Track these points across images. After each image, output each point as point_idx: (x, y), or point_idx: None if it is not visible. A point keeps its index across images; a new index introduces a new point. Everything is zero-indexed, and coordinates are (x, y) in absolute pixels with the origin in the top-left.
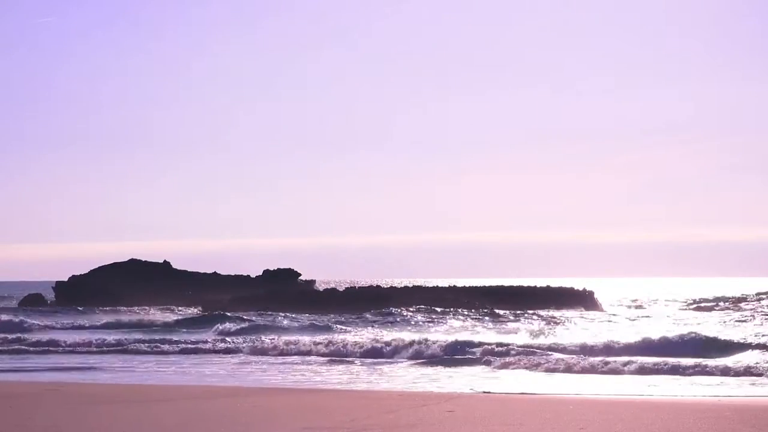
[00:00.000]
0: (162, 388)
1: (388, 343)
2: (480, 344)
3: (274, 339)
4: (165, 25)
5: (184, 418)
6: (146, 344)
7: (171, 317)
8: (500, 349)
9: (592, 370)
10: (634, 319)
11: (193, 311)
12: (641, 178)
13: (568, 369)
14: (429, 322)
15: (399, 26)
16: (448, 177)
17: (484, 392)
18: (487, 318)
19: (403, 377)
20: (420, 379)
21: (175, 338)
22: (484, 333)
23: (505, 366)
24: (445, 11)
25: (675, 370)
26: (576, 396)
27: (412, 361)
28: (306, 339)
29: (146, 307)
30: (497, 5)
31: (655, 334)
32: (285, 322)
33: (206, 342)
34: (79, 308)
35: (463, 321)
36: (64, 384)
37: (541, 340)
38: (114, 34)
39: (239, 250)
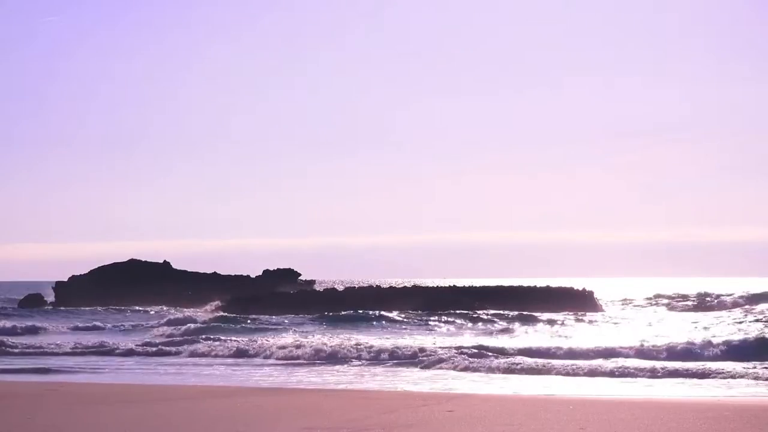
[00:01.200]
0: (162, 388)
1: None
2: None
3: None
4: (165, 25)
5: (183, 418)
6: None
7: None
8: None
9: (516, 371)
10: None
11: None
12: (641, 178)
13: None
14: (408, 323)
15: (399, 26)
16: (447, 177)
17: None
18: (464, 319)
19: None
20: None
21: (93, 339)
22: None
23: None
24: (445, 11)
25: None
26: (576, 396)
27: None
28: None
29: (148, 307)
30: (497, 5)
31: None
32: (248, 323)
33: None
34: (78, 308)
35: (427, 323)
36: (64, 384)
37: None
38: (114, 34)
39: (239, 250)
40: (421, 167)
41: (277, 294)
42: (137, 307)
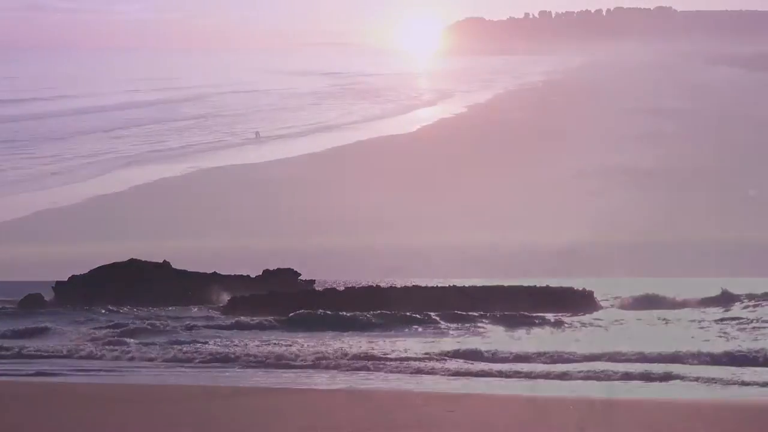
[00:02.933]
0: (162, 388)
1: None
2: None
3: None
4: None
5: (184, 417)
6: None
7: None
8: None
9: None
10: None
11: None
12: (641, 178)
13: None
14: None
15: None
16: (447, 177)
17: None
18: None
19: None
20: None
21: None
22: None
23: None
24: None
25: None
26: (576, 396)
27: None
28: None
29: (147, 308)
30: None
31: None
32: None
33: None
34: (86, 308)
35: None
36: (64, 384)
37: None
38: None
39: (239, 250)
40: (420, 167)
41: (277, 294)
42: (138, 308)
